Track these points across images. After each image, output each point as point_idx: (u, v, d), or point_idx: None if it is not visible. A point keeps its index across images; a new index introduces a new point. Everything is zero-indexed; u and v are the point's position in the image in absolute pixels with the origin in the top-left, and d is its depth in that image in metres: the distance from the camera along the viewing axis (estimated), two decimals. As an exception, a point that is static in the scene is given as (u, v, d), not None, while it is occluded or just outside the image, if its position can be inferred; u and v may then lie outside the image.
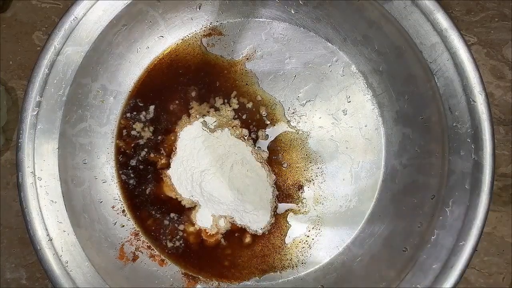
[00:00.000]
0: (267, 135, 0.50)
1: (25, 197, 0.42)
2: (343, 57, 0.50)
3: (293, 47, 0.50)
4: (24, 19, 0.55)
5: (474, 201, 0.39)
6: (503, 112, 0.53)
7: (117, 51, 0.48)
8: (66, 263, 0.42)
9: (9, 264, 0.53)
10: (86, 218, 0.46)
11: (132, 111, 0.50)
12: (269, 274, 0.49)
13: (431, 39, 0.41)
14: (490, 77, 0.53)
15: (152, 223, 0.49)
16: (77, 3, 0.43)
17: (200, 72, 0.51)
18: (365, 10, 0.44)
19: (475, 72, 0.40)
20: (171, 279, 0.48)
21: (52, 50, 0.42)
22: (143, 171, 0.50)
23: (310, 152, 0.49)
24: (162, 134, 0.50)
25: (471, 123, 0.40)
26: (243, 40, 0.51)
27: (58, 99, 0.43)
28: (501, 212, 0.52)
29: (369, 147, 0.49)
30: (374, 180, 0.49)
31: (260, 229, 0.49)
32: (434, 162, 0.43)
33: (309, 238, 0.49)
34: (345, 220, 0.49)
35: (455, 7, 0.54)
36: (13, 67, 0.55)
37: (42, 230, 0.42)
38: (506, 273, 0.52)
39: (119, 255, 0.47)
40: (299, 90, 0.50)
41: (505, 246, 0.52)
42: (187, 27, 0.51)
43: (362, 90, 0.50)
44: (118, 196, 0.49)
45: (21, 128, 0.42)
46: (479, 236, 0.39)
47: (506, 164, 0.53)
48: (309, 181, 0.49)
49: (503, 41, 0.53)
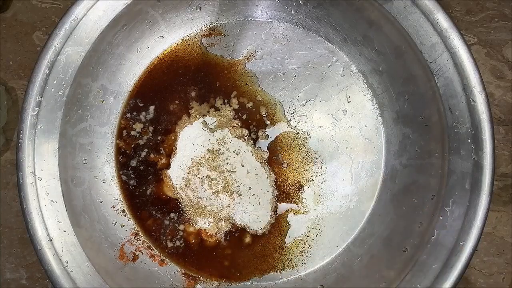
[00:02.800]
0: (267, 135, 0.50)
1: (25, 197, 0.42)
2: (343, 57, 0.50)
3: (293, 47, 0.50)
4: (24, 19, 0.55)
5: (474, 201, 0.39)
6: (503, 112, 0.53)
7: (117, 51, 0.48)
8: (66, 263, 0.42)
9: (9, 264, 0.53)
10: (86, 218, 0.46)
11: (132, 111, 0.50)
12: (269, 274, 0.49)
13: (431, 39, 0.41)
14: (490, 77, 0.53)
15: (152, 223, 0.49)
16: (77, 3, 0.43)
17: (200, 72, 0.51)
18: (365, 10, 0.44)
19: (475, 72, 0.40)
20: (171, 279, 0.48)
21: (52, 50, 0.42)
22: (143, 171, 0.50)
23: (310, 152, 0.49)
24: (162, 134, 0.50)
25: (471, 123, 0.40)
26: (243, 40, 0.51)
27: (58, 99, 0.43)
28: (501, 212, 0.52)
29: (369, 147, 0.49)
30: (374, 180, 0.49)
31: (260, 229, 0.49)
32: (434, 162, 0.43)
33: (309, 238, 0.49)
34: (345, 220, 0.49)
35: (455, 7, 0.54)
36: (13, 67, 0.55)
37: (42, 230, 0.42)
38: (506, 273, 0.52)
39: (119, 255, 0.47)
40: (299, 90, 0.50)
41: (505, 246, 0.52)
42: (187, 27, 0.51)
43: (362, 90, 0.50)
44: (118, 196, 0.49)
45: (21, 128, 0.42)
46: (479, 236, 0.39)
47: (506, 164, 0.53)
48: (309, 181, 0.49)
49: (503, 41, 0.53)
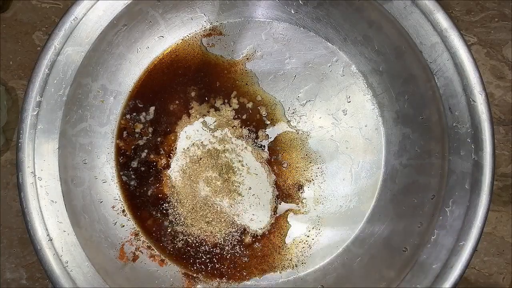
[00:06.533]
0: (267, 135, 0.50)
1: (25, 197, 0.42)
2: (343, 57, 0.50)
3: (293, 47, 0.50)
4: (24, 19, 0.55)
5: (474, 201, 0.39)
6: (503, 112, 0.53)
7: (117, 51, 0.48)
8: (66, 263, 0.42)
9: (9, 264, 0.53)
10: (86, 218, 0.46)
11: (132, 112, 0.50)
12: (269, 274, 0.49)
13: (431, 39, 0.41)
14: (490, 77, 0.53)
15: (152, 223, 0.49)
16: (77, 3, 0.43)
17: (200, 72, 0.51)
18: (365, 10, 0.44)
19: (475, 72, 0.40)
20: (171, 279, 0.48)
21: (52, 50, 0.42)
22: (143, 171, 0.50)
23: (310, 152, 0.49)
24: (162, 134, 0.50)
25: (471, 123, 0.40)
26: (243, 40, 0.51)
27: (58, 99, 0.43)
28: (501, 212, 0.52)
29: (369, 147, 0.49)
30: (374, 180, 0.49)
31: (260, 229, 0.49)
32: (434, 162, 0.43)
33: (309, 238, 0.49)
34: (345, 220, 0.49)
35: (455, 7, 0.54)
36: (13, 67, 0.55)
37: (42, 230, 0.42)
38: (506, 273, 0.52)
39: (119, 255, 0.47)
40: (299, 90, 0.50)
41: (505, 246, 0.52)
42: (187, 27, 0.51)
43: (362, 90, 0.50)
44: (118, 196, 0.49)
45: (21, 128, 0.42)
46: (479, 236, 0.39)
47: (506, 164, 0.53)
48: (309, 181, 0.49)
49: (503, 41, 0.53)
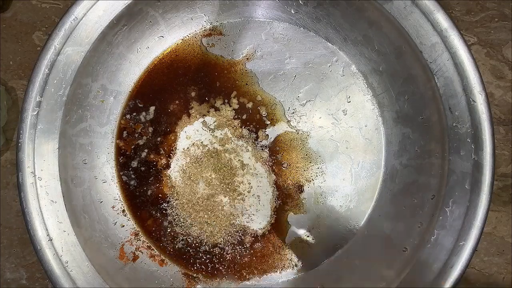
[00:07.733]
0: (267, 135, 0.50)
1: (25, 197, 0.42)
2: (343, 57, 0.50)
3: (293, 47, 0.50)
4: (24, 19, 0.55)
5: (474, 201, 0.39)
6: (503, 112, 0.53)
7: (117, 51, 0.48)
8: (66, 263, 0.42)
9: (9, 264, 0.53)
10: (86, 218, 0.46)
11: (132, 112, 0.50)
12: (269, 274, 0.49)
13: (431, 39, 0.41)
14: (490, 77, 0.53)
15: (152, 223, 0.49)
16: (77, 3, 0.43)
17: (200, 72, 0.51)
18: (365, 10, 0.44)
19: (475, 72, 0.40)
20: (171, 279, 0.48)
21: (52, 50, 0.42)
22: (143, 171, 0.50)
23: (310, 152, 0.49)
24: (162, 134, 0.50)
25: (471, 123, 0.40)
26: (243, 40, 0.51)
27: (58, 99, 0.43)
28: (501, 212, 0.52)
29: (369, 147, 0.49)
30: (374, 180, 0.49)
31: (260, 229, 0.49)
32: (434, 162, 0.43)
33: (309, 238, 0.49)
34: (345, 220, 0.49)
35: (455, 7, 0.54)
36: (13, 67, 0.55)
37: (42, 230, 0.42)
38: (506, 273, 0.52)
39: (119, 255, 0.47)
40: (299, 90, 0.50)
41: (505, 246, 0.52)
42: (187, 27, 0.51)
43: (362, 90, 0.50)
44: (118, 196, 0.49)
45: (21, 128, 0.42)
46: (479, 236, 0.39)
47: (506, 164, 0.53)
48: (309, 181, 0.49)
49: (503, 41, 0.53)
